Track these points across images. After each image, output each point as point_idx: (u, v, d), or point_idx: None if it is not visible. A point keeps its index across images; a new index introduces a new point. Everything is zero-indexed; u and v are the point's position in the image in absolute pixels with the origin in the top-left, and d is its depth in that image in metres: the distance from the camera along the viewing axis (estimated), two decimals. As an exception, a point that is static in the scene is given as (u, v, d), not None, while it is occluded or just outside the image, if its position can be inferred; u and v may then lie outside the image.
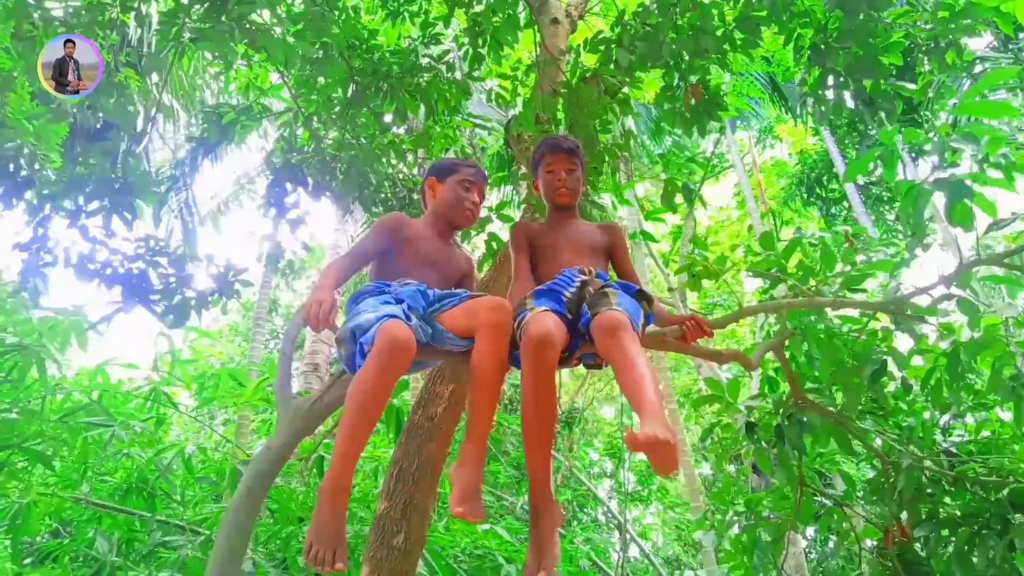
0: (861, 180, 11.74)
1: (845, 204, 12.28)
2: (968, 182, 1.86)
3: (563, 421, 12.56)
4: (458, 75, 4.22)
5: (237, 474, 4.24)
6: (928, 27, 3.04)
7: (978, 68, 8.74)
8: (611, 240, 2.49)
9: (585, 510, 11.95)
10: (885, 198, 12.36)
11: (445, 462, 3.48)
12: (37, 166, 3.42)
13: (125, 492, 4.95)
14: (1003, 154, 1.77)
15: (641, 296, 2.14)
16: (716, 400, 3.16)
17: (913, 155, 10.14)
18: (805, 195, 13.06)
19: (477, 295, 2.14)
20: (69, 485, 5.01)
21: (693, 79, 3.54)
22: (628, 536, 10.25)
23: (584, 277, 2.12)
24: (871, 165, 2.10)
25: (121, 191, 3.39)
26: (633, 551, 11.65)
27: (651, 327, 2.28)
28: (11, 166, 3.35)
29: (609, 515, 12.17)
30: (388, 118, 4.25)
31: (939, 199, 1.99)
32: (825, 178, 12.76)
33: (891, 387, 3.00)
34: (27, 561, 5.07)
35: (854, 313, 2.78)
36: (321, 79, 3.99)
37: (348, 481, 1.79)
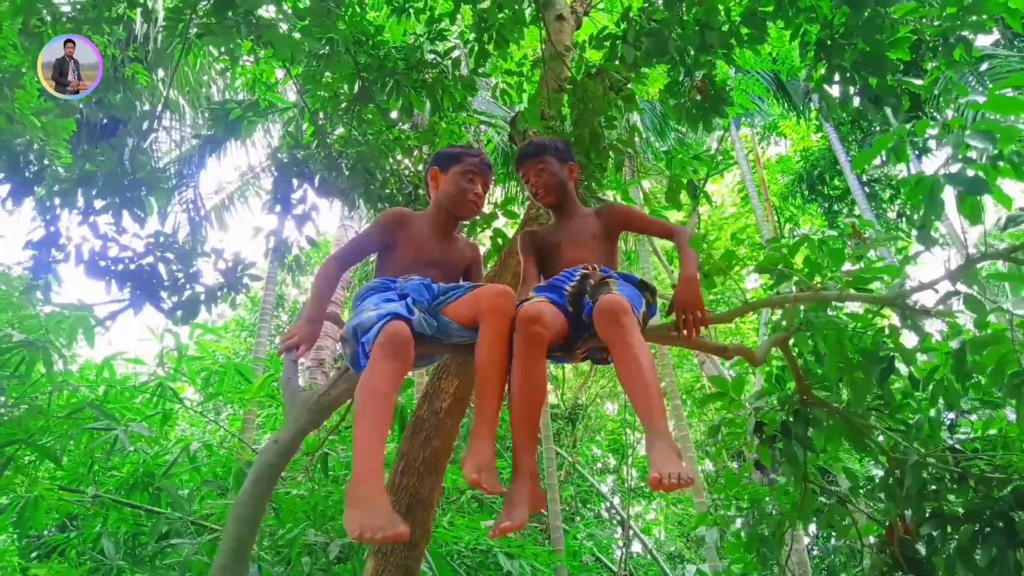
0: (864, 177, 11.69)
1: (847, 201, 12.24)
2: (974, 174, 1.85)
3: (566, 417, 12.58)
4: (464, 71, 4.22)
5: (242, 474, 4.23)
6: (935, 23, 3.03)
7: (984, 66, 8.69)
8: (609, 223, 2.48)
9: (588, 506, 11.97)
10: (887, 196, 12.31)
11: (450, 457, 3.49)
12: (46, 162, 3.44)
13: (131, 487, 4.97)
14: (1015, 151, 1.77)
15: (643, 287, 2.14)
16: (721, 398, 3.16)
17: (917, 152, 10.10)
18: (806, 192, 13.01)
19: (481, 285, 2.14)
20: (76, 479, 5.03)
21: (699, 75, 3.54)
22: (631, 532, 10.27)
23: (584, 271, 2.13)
24: (878, 159, 2.10)
25: (130, 187, 3.41)
26: (636, 547, 11.67)
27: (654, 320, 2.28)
28: (20, 161, 3.36)
29: (612, 511, 12.20)
30: (394, 114, 4.26)
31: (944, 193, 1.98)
32: (828, 175, 12.71)
33: (898, 384, 2.99)
34: (34, 555, 5.10)
35: (859, 310, 2.78)
36: (327, 75, 4.00)
37: (378, 475, 1.66)
